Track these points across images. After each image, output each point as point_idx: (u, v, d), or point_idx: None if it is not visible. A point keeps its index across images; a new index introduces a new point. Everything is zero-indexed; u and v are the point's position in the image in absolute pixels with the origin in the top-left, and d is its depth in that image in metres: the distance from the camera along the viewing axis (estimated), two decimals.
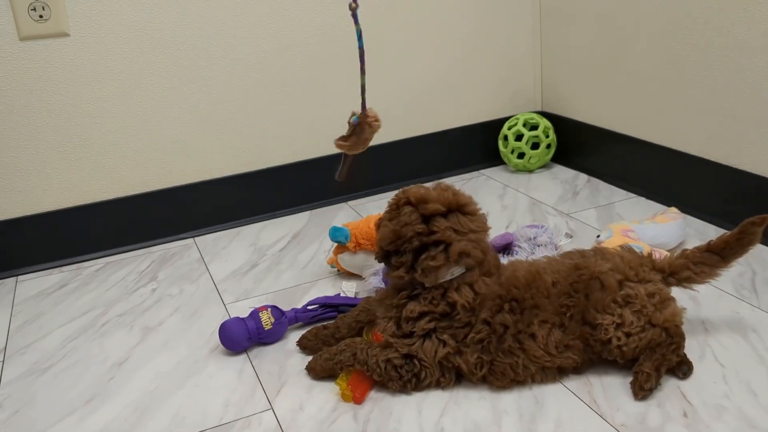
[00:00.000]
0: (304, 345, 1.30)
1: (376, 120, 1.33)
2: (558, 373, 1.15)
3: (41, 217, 1.76)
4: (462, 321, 1.13)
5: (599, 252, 1.23)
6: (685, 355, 1.15)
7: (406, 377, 1.14)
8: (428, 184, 1.18)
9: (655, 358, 1.11)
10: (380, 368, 1.14)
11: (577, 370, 1.16)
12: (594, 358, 1.16)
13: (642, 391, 1.09)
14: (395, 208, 1.16)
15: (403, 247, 1.12)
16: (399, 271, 1.13)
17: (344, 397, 1.16)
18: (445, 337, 1.13)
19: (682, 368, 1.14)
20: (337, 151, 1.39)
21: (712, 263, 1.21)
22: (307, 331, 1.31)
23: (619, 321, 1.12)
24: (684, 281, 1.21)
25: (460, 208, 1.13)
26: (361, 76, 1.28)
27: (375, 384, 1.18)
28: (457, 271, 1.13)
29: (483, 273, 1.14)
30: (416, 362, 1.14)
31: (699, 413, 1.06)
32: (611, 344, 1.12)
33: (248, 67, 1.86)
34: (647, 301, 1.13)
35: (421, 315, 1.13)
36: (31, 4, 1.62)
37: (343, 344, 1.20)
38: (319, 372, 1.21)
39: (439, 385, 1.16)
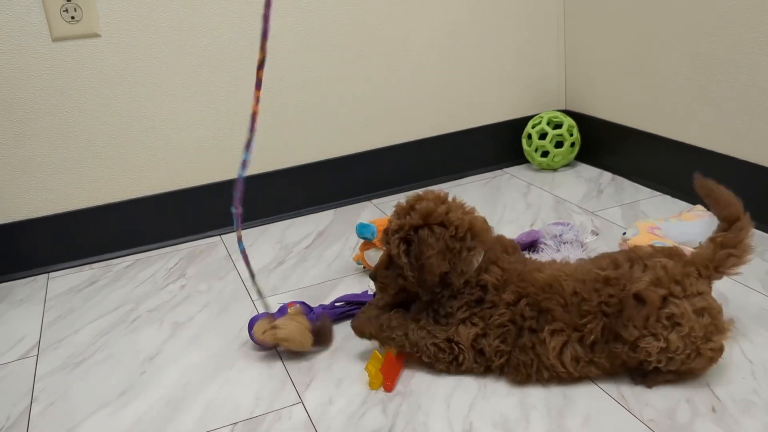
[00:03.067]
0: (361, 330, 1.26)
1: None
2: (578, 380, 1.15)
3: (72, 215, 1.80)
4: (491, 300, 1.15)
5: (635, 259, 1.12)
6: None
7: (448, 359, 1.18)
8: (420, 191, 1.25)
9: (678, 375, 1.10)
10: (429, 350, 1.18)
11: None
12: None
13: (644, 382, 1.11)
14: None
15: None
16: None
17: (372, 385, 1.17)
18: (475, 319, 1.16)
19: (650, 382, 1.11)
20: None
21: (742, 234, 1.13)
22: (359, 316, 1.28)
23: (664, 346, 1.05)
24: (731, 268, 1.13)
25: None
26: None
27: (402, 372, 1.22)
28: (479, 255, 1.17)
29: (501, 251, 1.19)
30: (455, 346, 1.16)
31: (728, 408, 1.06)
32: (650, 364, 1.08)
33: (273, 66, 1.88)
34: (695, 321, 1.05)
35: (458, 308, 1.17)
36: (63, 5, 1.65)
37: (395, 321, 1.21)
38: (366, 335, 1.24)
39: (472, 371, 1.18)
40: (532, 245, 1.54)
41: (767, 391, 1.09)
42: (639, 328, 1.06)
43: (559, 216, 1.81)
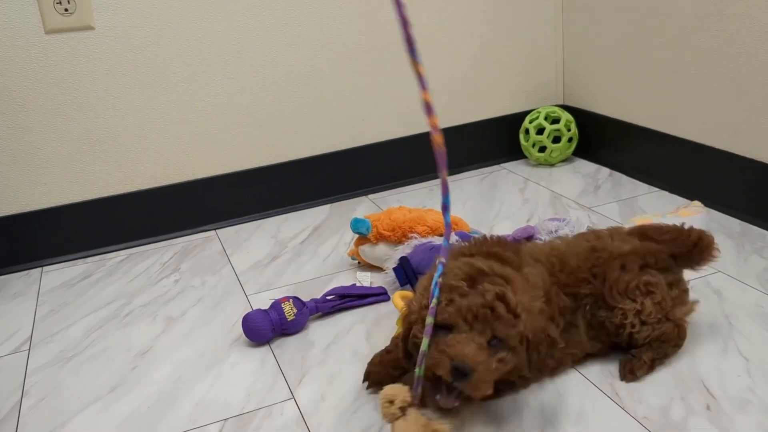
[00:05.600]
0: (374, 379, 1.14)
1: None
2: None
3: (66, 208, 1.78)
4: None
5: (615, 233, 1.20)
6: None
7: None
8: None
9: (657, 350, 1.13)
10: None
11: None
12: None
13: (631, 375, 1.11)
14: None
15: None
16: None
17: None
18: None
19: (642, 368, 1.13)
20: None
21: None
22: (372, 361, 1.16)
23: (639, 308, 1.11)
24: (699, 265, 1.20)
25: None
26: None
27: None
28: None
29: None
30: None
31: (722, 406, 1.05)
32: (624, 329, 1.12)
33: (269, 60, 1.86)
34: (667, 292, 1.13)
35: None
36: None
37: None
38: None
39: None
40: (527, 241, 1.52)
41: (763, 389, 1.08)
42: (621, 294, 1.11)
43: (556, 212, 1.80)
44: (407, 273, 1.42)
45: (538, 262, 1.13)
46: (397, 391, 1.00)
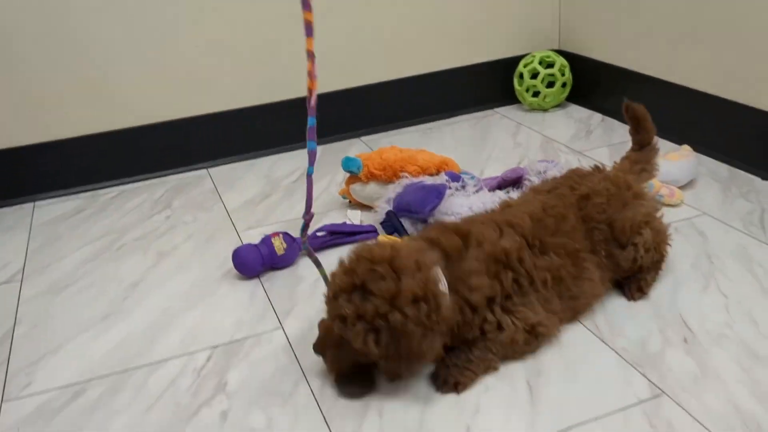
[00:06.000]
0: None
1: None
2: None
3: (57, 144, 1.79)
4: (522, 275, 1.06)
5: (591, 174, 1.22)
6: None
7: (536, 343, 1.07)
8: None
9: (656, 269, 1.20)
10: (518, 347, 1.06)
11: None
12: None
13: (640, 293, 1.18)
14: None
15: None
16: None
17: None
18: (529, 300, 1.06)
19: (649, 286, 1.20)
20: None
21: (653, 154, 1.30)
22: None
23: (644, 240, 1.16)
24: (643, 182, 1.28)
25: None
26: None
27: None
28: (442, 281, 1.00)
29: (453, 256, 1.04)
30: (538, 328, 1.06)
31: (699, 339, 1.08)
32: (637, 262, 1.17)
33: None
34: (658, 218, 1.22)
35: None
36: None
37: (468, 356, 1.04)
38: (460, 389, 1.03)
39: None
40: (516, 182, 1.53)
41: (740, 325, 1.10)
42: (630, 230, 1.16)
43: (547, 156, 1.80)
44: (395, 225, 1.42)
45: (512, 226, 1.08)
46: None
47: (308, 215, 1.14)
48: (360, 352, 0.96)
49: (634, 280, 1.19)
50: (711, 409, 0.94)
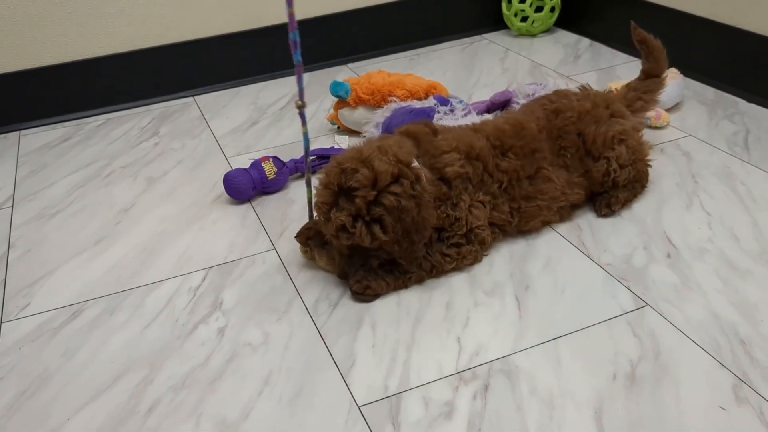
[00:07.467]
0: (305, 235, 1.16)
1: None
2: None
3: (41, 71, 1.75)
4: (475, 178, 1.11)
5: (569, 93, 1.27)
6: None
7: (474, 249, 1.12)
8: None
9: (630, 190, 1.24)
10: (452, 257, 1.11)
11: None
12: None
13: (608, 209, 1.21)
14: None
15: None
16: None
17: None
18: (480, 198, 1.12)
19: (618, 204, 1.22)
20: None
21: (655, 87, 1.34)
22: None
23: (617, 155, 1.21)
24: (637, 112, 1.32)
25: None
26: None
27: None
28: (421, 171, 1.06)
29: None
30: (477, 231, 1.11)
31: (682, 255, 1.11)
32: (609, 176, 1.20)
33: None
34: (635, 137, 1.25)
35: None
36: None
37: (390, 271, 1.09)
38: (373, 297, 1.09)
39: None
40: (505, 105, 1.54)
41: (721, 240, 1.14)
42: (603, 145, 1.20)
43: (535, 80, 1.80)
44: None
45: (476, 131, 1.16)
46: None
47: (302, 102, 1.15)
48: (374, 249, 1.03)
49: (605, 196, 1.23)
50: (691, 318, 0.98)
